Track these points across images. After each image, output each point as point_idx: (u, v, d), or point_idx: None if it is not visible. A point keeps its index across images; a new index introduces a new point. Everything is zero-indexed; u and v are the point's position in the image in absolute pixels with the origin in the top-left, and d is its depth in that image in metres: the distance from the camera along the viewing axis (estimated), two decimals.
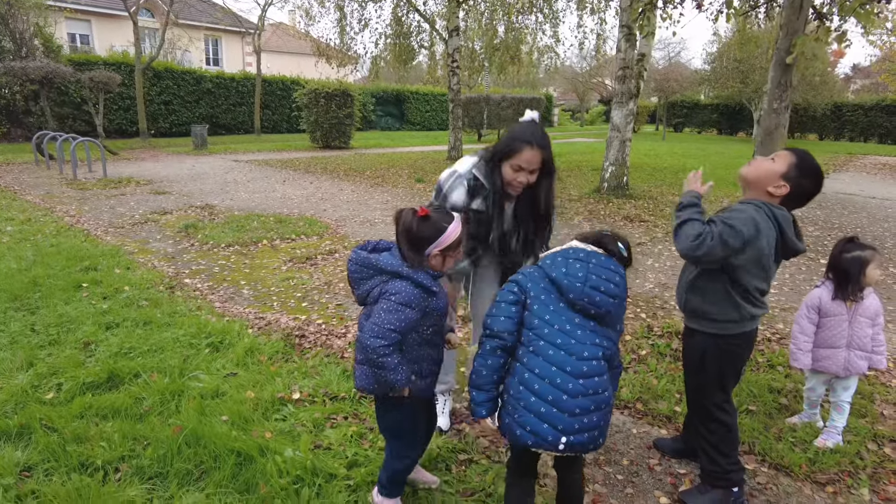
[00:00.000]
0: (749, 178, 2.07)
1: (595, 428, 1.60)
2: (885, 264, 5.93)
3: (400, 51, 14.55)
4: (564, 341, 1.62)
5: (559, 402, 1.57)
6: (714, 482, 2.19)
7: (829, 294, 2.56)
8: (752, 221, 1.94)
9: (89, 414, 2.60)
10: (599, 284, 1.65)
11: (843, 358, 2.56)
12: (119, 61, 18.16)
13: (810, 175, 2.00)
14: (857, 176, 14.26)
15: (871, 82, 31.45)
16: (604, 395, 1.63)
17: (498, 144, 2.32)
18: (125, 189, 9.31)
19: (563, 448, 1.57)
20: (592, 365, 1.61)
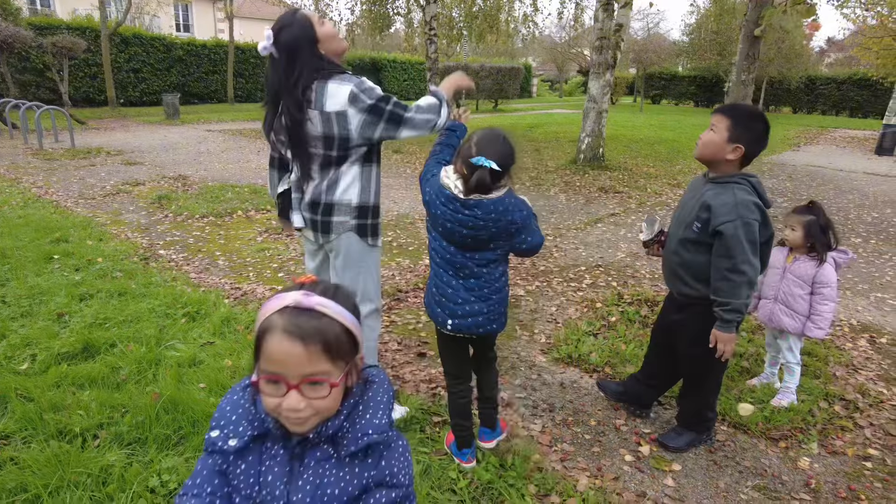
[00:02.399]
0: (705, 157, 2.10)
1: (478, 314, 2.00)
2: (848, 235, 6.14)
3: (375, 18, 14.25)
4: (443, 256, 2.00)
5: (446, 295, 2.02)
6: (692, 426, 2.40)
7: (780, 249, 2.73)
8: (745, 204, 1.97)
9: (65, 383, 2.61)
10: (453, 222, 1.91)
11: (769, 309, 2.74)
12: (83, 26, 17.44)
13: (752, 122, 2.02)
14: (827, 149, 14.55)
15: (845, 56, 31.83)
16: (480, 293, 1.99)
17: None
18: (95, 159, 9.08)
19: (450, 328, 2.03)
20: (466, 273, 1.99)
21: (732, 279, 1.98)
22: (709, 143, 2.05)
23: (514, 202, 1.91)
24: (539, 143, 12.59)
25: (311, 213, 2.22)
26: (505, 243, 1.96)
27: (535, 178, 8.66)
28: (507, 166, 1.87)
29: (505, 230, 1.91)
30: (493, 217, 1.87)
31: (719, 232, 1.98)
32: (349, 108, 2.02)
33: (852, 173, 10.56)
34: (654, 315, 3.74)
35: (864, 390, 2.95)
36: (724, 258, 1.99)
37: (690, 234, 2.10)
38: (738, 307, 1.99)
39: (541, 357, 3.19)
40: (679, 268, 2.19)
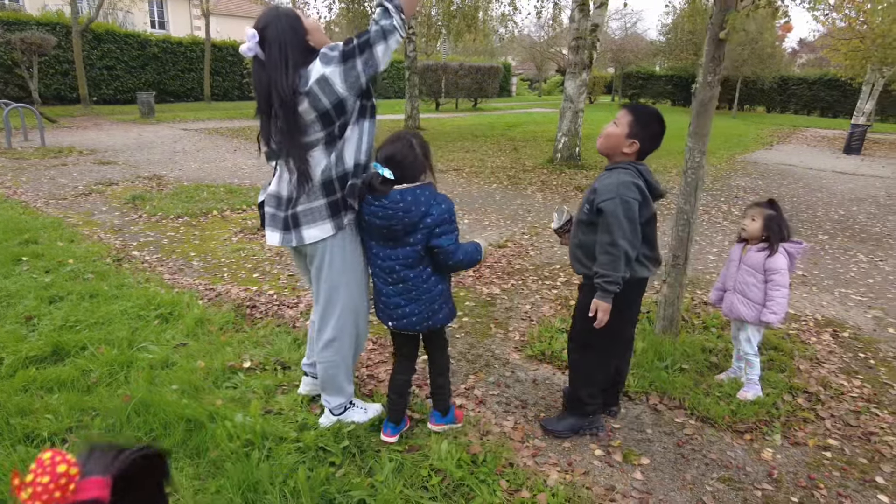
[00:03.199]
0: (605, 148, 2.26)
1: (412, 314, 2.15)
2: (815, 231, 6.29)
3: (353, 16, 14.18)
4: (377, 263, 2.15)
5: (381, 301, 2.20)
6: (573, 410, 2.51)
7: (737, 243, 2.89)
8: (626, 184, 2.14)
9: (33, 387, 2.57)
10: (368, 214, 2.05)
11: (729, 300, 2.86)
12: (53, 21, 17.06)
13: (650, 122, 2.21)
14: (798, 147, 14.88)
15: (816, 57, 32.55)
16: (411, 295, 2.13)
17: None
18: (66, 159, 8.91)
19: (392, 327, 2.22)
20: (394, 277, 2.12)
21: (612, 252, 2.13)
22: (611, 135, 2.22)
23: (429, 196, 2.01)
24: (517, 143, 12.66)
25: (327, 195, 2.04)
26: (422, 237, 2.03)
27: (512, 176, 8.72)
28: (404, 170, 1.98)
29: (420, 222, 2.00)
30: (402, 207, 1.97)
31: (601, 209, 2.14)
32: (325, 69, 1.90)
33: (821, 172, 10.83)
34: None
35: (826, 383, 3.04)
36: (605, 234, 2.15)
37: (583, 216, 2.28)
38: (616, 279, 2.14)
39: (514, 354, 3.23)
40: (577, 249, 2.36)
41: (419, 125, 14.04)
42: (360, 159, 2.07)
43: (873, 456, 2.47)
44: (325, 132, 1.98)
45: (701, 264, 4.99)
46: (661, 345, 3.20)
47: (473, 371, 3.02)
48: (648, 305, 3.83)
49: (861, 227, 6.65)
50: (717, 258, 5.23)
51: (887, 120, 25.55)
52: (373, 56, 1.94)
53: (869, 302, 4.30)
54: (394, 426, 2.35)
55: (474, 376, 2.97)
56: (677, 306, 3.31)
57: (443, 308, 2.20)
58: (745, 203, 7.62)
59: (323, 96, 1.91)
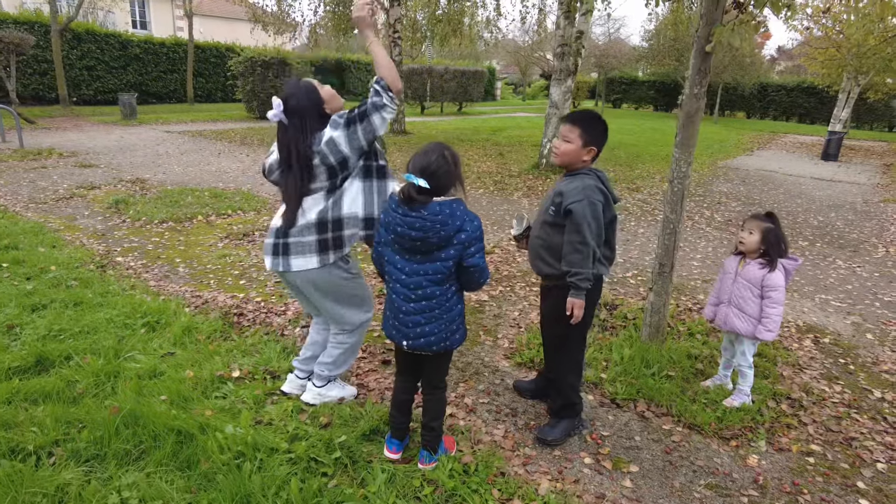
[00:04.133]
0: (565, 163, 2.40)
1: (431, 334, 2.12)
2: (796, 238, 6.42)
3: (339, 20, 14.14)
4: (398, 277, 2.12)
5: (398, 318, 2.15)
6: (564, 413, 2.57)
7: (733, 255, 2.91)
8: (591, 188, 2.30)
9: (17, 399, 2.53)
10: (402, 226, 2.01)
11: (724, 313, 2.87)
12: (32, 20, 16.74)
13: (596, 125, 2.37)
14: (777, 153, 15.16)
15: (794, 64, 33.19)
16: (433, 313, 2.11)
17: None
18: (46, 161, 8.75)
19: (406, 346, 2.15)
20: (418, 294, 2.09)
21: (582, 251, 2.27)
22: (568, 152, 2.36)
23: (463, 211, 2.03)
24: (503, 147, 12.72)
25: (319, 233, 2.34)
26: (455, 253, 2.03)
27: (498, 182, 8.76)
28: (438, 180, 1.99)
29: (454, 237, 2.00)
30: (440, 219, 1.97)
31: (570, 210, 2.27)
32: (333, 133, 2.28)
33: (800, 178, 11.05)
34: (613, 319, 3.86)
35: (809, 389, 3.11)
36: (574, 233, 2.28)
37: (548, 218, 2.40)
38: (587, 276, 2.29)
39: (504, 362, 3.25)
40: (541, 249, 2.45)
41: (405, 129, 14.03)
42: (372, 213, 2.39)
43: (854, 461, 2.53)
44: (329, 182, 2.33)
45: (685, 270, 5.07)
46: (647, 352, 3.25)
47: (463, 379, 3.04)
48: (635, 312, 3.88)
49: (839, 233, 6.79)
50: (701, 264, 5.31)
51: (862, 127, 26.15)
52: (370, 124, 2.30)
53: (848, 308, 4.40)
54: (398, 443, 2.34)
55: (464, 384, 2.98)
56: (663, 314, 3.36)
57: (459, 329, 2.19)
58: (728, 209, 7.75)
59: (330, 154, 2.28)
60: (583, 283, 2.28)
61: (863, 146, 18.33)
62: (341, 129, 2.28)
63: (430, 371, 2.28)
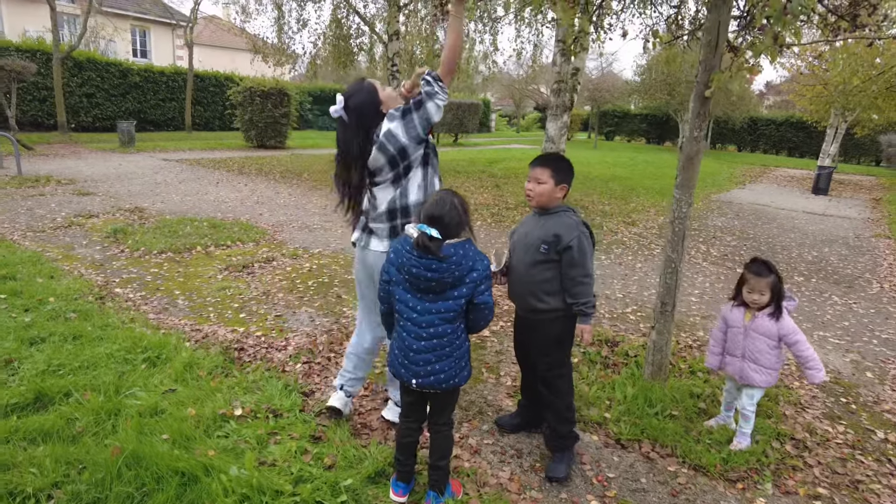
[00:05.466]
0: (542, 203, 2.55)
1: (440, 372, 2.16)
2: (791, 273, 6.48)
3: (339, 53, 14.39)
4: (409, 316, 2.16)
5: (408, 357, 2.17)
6: (566, 444, 2.63)
7: (733, 307, 2.88)
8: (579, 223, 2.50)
9: (16, 438, 2.49)
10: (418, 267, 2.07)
11: (738, 366, 2.85)
12: (34, 48, 16.94)
13: (566, 167, 2.54)
14: (769, 187, 15.40)
15: (782, 99, 33.95)
16: (443, 351, 2.15)
17: None
18: (44, 189, 8.76)
19: (415, 385, 2.17)
20: (430, 332, 2.14)
21: (586, 282, 2.46)
22: (543, 192, 2.51)
23: (475, 252, 2.13)
24: (499, 179, 12.85)
25: (390, 220, 2.55)
26: (467, 291, 2.11)
27: (495, 214, 8.83)
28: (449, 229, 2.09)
29: (466, 276, 2.09)
30: (454, 260, 2.07)
31: (570, 247, 2.43)
32: (390, 125, 2.45)
33: (793, 212, 11.20)
34: (615, 355, 3.86)
35: (812, 429, 3.11)
36: (576, 267, 2.44)
37: (539, 256, 2.50)
38: (593, 303, 2.49)
39: (507, 401, 3.23)
40: (534, 286, 2.55)
41: None
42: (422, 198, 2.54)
43: None
44: (393, 173, 2.51)
45: (684, 306, 5.09)
46: (650, 390, 3.24)
47: (467, 419, 3.02)
48: (636, 349, 3.89)
49: (834, 268, 6.87)
50: (700, 300, 5.34)
51: (850, 161, 26.66)
52: (426, 111, 2.46)
53: (846, 345, 4.43)
54: (404, 485, 2.31)
55: (468, 424, 2.96)
56: (666, 352, 3.37)
57: (466, 366, 2.25)
58: (724, 243, 7.83)
59: (389, 145, 2.45)
60: (590, 309, 2.49)
61: (852, 180, 18.66)
62: (398, 121, 2.45)
63: (437, 408, 2.29)
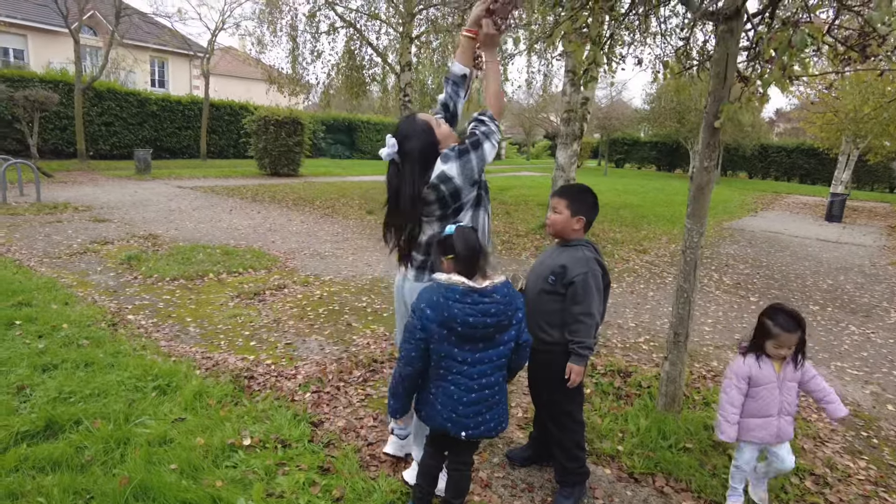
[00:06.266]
0: (557, 234, 2.53)
1: (491, 421, 2.10)
2: (806, 302, 6.39)
3: (352, 83, 14.67)
4: (458, 370, 2.04)
5: (457, 410, 2.06)
6: (575, 479, 2.57)
7: (758, 360, 2.45)
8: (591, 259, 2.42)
9: (25, 467, 2.48)
10: (475, 315, 1.96)
11: (774, 427, 2.46)
12: (57, 79, 17.43)
13: (586, 200, 2.51)
14: (782, 215, 15.30)
15: (793, 127, 33.97)
16: (494, 400, 2.09)
17: None
18: (61, 215, 8.91)
19: (464, 436, 2.08)
20: (482, 382, 2.05)
21: (585, 321, 2.37)
22: (557, 222, 2.50)
23: (513, 289, 2.08)
24: (509, 207, 12.90)
25: (426, 254, 2.42)
26: (514, 333, 2.06)
27: (506, 241, 8.84)
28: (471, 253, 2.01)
29: (514, 316, 2.04)
30: (507, 300, 2.01)
31: (573, 282, 2.37)
32: (444, 166, 2.28)
33: (806, 239, 11.10)
34: (627, 386, 3.80)
35: (832, 464, 3.02)
36: (578, 304, 2.37)
37: (546, 286, 2.46)
38: (590, 345, 2.40)
39: (518, 433, 3.19)
40: (537, 315, 2.50)
41: None
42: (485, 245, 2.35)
43: None
44: (441, 212, 2.35)
45: (697, 336, 5.03)
46: (664, 422, 3.18)
47: (477, 451, 2.97)
48: (649, 380, 3.83)
49: (850, 297, 6.77)
50: (713, 329, 5.27)
51: (863, 188, 26.47)
52: (483, 151, 2.33)
53: (865, 377, 4.34)
54: None
55: (478, 456, 2.91)
56: (679, 383, 3.31)
57: (507, 408, 2.19)
58: (736, 271, 7.75)
59: (443, 186, 2.28)
60: (584, 351, 2.39)
61: (865, 207, 18.51)
62: (453, 161, 2.28)
63: (465, 449, 2.24)
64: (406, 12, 12.17)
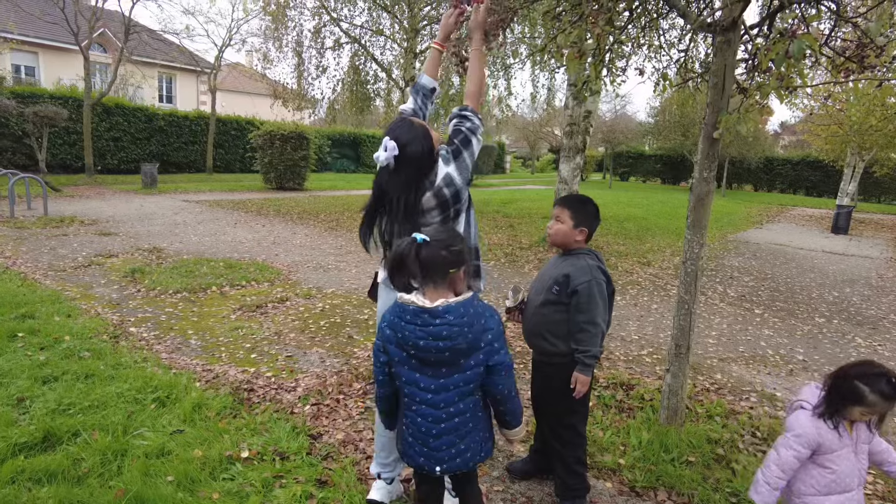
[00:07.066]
0: (558, 244, 2.51)
1: (466, 451, 1.92)
2: (812, 314, 6.33)
3: (356, 98, 14.81)
4: (422, 398, 1.88)
5: (428, 443, 1.91)
6: (575, 494, 2.54)
7: (836, 427, 1.95)
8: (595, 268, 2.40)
9: (21, 478, 2.48)
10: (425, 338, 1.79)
11: (855, 500, 2.00)
12: (66, 95, 17.68)
13: (588, 210, 2.48)
14: (787, 227, 15.23)
15: (797, 139, 33.95)
16: (466, 429, 1.91)
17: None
18: (67, 229, 8.98)
19: (439, 472, 1.92)
20: (450, 411, 1.88)
21: (590, 330, 2.34)
22: (559, 232, 2.47)
23: (483, 306, 1.87)
24: (513, 220, 12.90)
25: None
26: (484, 357, 1.83)
27: (509, 254, 8.83)
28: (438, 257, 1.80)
29: (481, 338, 1.82)
30: (466, 321, 1.79)
31: (577, 291, 2.34)
32: (447, 168, 2.20)
33: (812, 252, 11.03)
34: (630, 399, 3.77)
35: None
36: (583, 314, 2.35)
37: (550, 296, 2.44)
38: (595, 354, 2.36)
39: (518, 445, 3.15)
40: (541, 326, 2.49)
41: None
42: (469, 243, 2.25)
43: None
44: (441, 217, 2.23)
45: (700, 348, 4.98)
46: (666, 436, 3.15)
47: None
48: (651, 393, 3.80)
49: (856, 309, 6.70)
50: (717, 342, 5.23)
51: (869, 200, 26.36)
52: (472, 148, 2.28)
53: None
54: None
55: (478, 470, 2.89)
56: (681, 395, 3.28)
57: (491, 436, 2.00)
58: (741, 283, 7.70)
59: (446, 189, 2.19)
60: (590, 360, 2.37)
61: (872, 219, 18.41)
62: (452, 162, 2.21)
63: (465, 481, 2.09)
64: (410, 28, 12.31)
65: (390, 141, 2.10)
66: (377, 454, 2.52)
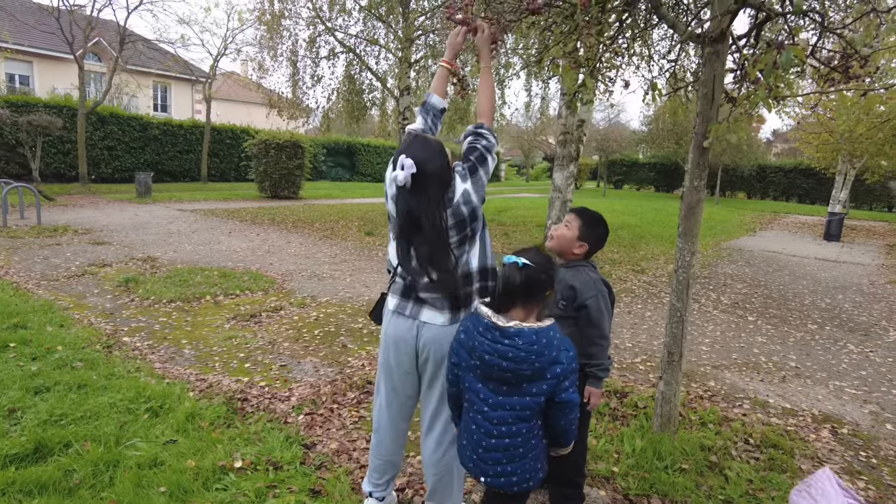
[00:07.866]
0: (556, 248, 2.48)
1: (513, 474, 1.90)
2: (804, 321, 6.37)
3: (351, 107, 14.86)
4: (479, 408, 1.91)
5: (477, 452, 1.93)
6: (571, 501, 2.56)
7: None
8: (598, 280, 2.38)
9: (12, 490, 2.46)
10: (491, 354, 1.81)
11: None
12: (61, 104, 17.66)
13: (597, 227, 2.47)
14: (780, 234, 15.33)
15: (790, 147, 34.23)
16: (516, 452, 1.89)
17: None
18: (61, 238, 8.95)
19: (484, 482, 1.93)
20: (502, 430, 1.87)
21: (601, 344, 2.35)
22: (562, 237, 2.45)
23: (560, 338, 1.83)
24: (508, 228, 12.94)
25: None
26: (547, 388, 1.81)
27: None
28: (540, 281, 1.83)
29: (548, 369, 1.79)
30: (536, 349, 1.77)
31: (586, 306, 2.33)
32: (465, 185, 2.13)
33: (804, 259, 11.10)
34: (623, 407, 3.78)
35: None
36: (592, 327, 2.34)
37: (557, 311, 2.36)
38: (607, 366, 2.38)
39: None
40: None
41: None
42: (485, 263, 2.22)
43: None
44: (459, 237, 2.14)
45: (694, 356, 5.00)
46: (659, 443, 3.15)
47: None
48: (645, 400, 3.81)
49: (848, 315, 6.75)
50: (710, 349, 5.25)
51: (861, 207, 26.57)
52: (488, 167, 2.23)
53: (864, 396, 4.30)
54: None
55: (471, 480, 2.88)
56: (675, 403, 3.29)
57: (542, 467, 1.96)
58: (734, 291, 7.74)
59: (464, 206, 2.11)
60: (602, 373, 2.38)
61: (864, 226, 18.55)
62: (468, 179, 2.14)
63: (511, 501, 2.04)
64: (405, 38, 12.38)
65: (407, 159, 2.02)
66: (370, 474, 2.49)
